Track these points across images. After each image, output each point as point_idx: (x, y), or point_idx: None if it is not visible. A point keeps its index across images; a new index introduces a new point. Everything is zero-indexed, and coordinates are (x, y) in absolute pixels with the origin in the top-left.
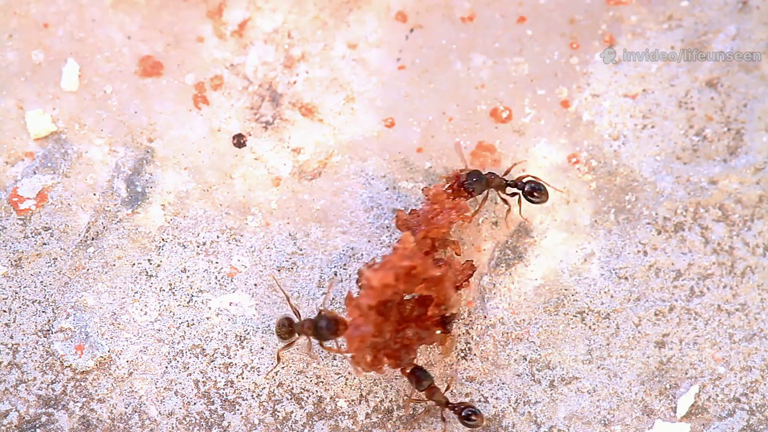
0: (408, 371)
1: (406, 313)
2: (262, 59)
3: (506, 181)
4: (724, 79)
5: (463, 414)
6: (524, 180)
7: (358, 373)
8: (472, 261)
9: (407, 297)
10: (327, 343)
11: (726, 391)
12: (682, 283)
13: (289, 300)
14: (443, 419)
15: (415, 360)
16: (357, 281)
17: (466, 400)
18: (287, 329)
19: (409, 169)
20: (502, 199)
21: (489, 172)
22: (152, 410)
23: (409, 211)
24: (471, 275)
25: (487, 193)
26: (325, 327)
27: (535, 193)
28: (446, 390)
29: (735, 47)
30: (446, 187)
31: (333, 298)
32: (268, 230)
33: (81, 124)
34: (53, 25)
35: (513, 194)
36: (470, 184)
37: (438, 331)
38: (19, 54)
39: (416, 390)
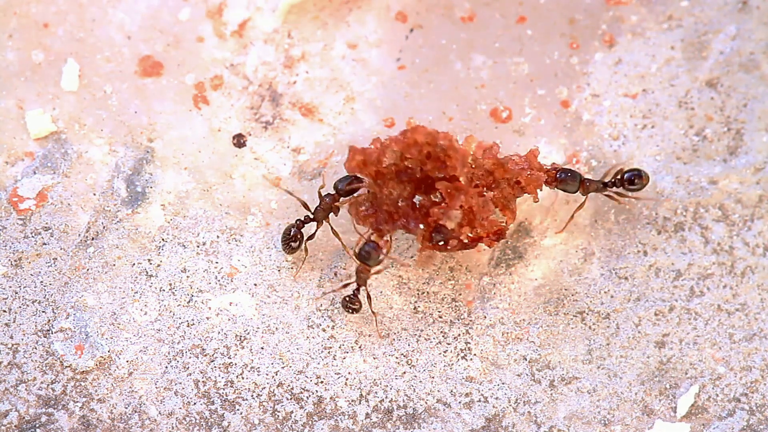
0: (372, 237)
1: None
2: (262, 59)
3: (605, 183)
4: (724, 79)
5: (347, 297)
6: (623, 175)
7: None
8: (506, 229)
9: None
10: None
11: (726, 391)
12: (682, 283)
13: (297, 197)
14: (368, 298)
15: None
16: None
17: (466, 400)
18: (295, 235)
19: None
20: (606, 196)
21: (587, 178)
22: (152, 410)
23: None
24: (495, 239)
25: (585, 199)
26: (343, 181)
27: (636, 180)
28: (368, 273)
29: (735, 47)
30: (547, 166)
31: (333, 299)
32: (268, 230)
33: (81, 124)
34: (53, 25)
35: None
36: (562, 177)
37: (421, 225)
38: (19, 54)
39: (359, 258)
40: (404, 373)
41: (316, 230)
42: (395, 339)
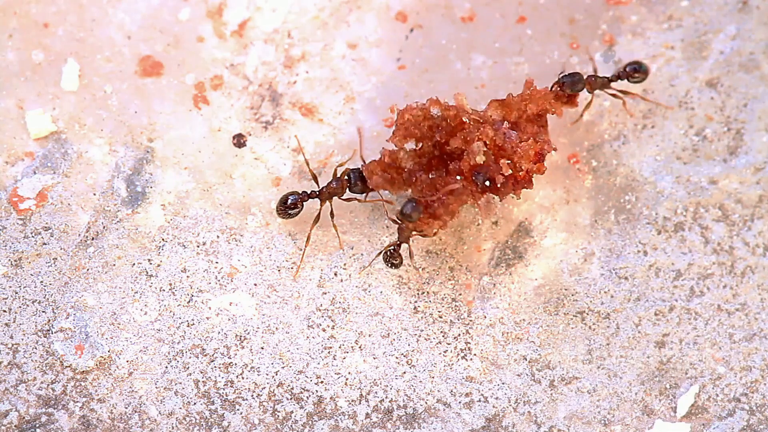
0: (415, 201)
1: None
2: (262, 59)
3: (608, 78)
4: (724, 79)
5: (389, 251)
6: (626, 67)
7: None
8: (543, 145)
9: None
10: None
11: (726, 391)
12: (682, 283)
13: (308, 163)
14: (410, 254)
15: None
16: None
17: (466, 400)
18: (294, 203)
19: None
20: (611, 95)
21: (591, 75)
22: (152, 410)
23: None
24: (540, 161)
25: (592, 98)
26: (358, 177)
27: (636, 74)
28: (410, 231)
29: (735, 47)
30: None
31: (333, 298)
32: (268, 230)
33: (81, 124)
34: (53, 25)
35: (617, 87)
36: (566, 81)
37: (458, 177)
38: (19, 54)
39: (402, 216)
40: (404, 373)
41: (320, 210)
42: (395, 339)
